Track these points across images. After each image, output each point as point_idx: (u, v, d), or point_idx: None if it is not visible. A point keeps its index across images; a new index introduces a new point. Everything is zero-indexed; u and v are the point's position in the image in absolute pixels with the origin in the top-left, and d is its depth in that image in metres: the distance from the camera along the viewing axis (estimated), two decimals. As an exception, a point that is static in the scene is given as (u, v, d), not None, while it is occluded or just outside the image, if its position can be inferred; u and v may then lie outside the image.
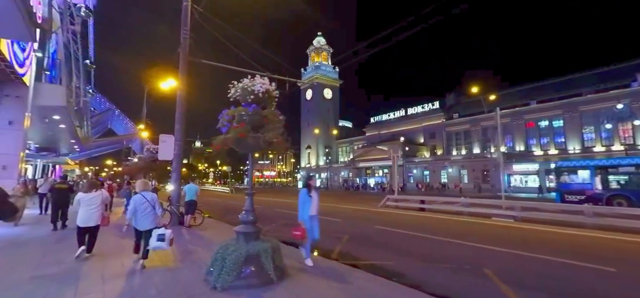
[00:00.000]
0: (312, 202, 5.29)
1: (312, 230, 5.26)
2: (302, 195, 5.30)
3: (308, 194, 5.28)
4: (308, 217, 5.23)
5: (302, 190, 5.40)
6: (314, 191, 5.39)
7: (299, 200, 5.29)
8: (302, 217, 5.23)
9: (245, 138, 4.48)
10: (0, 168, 12.22)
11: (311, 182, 5.46)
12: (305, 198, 5.27)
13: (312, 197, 5.30)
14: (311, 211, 5.26)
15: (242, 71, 12.49)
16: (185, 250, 6.47)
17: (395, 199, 16.22)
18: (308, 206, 5.24)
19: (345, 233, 8.86)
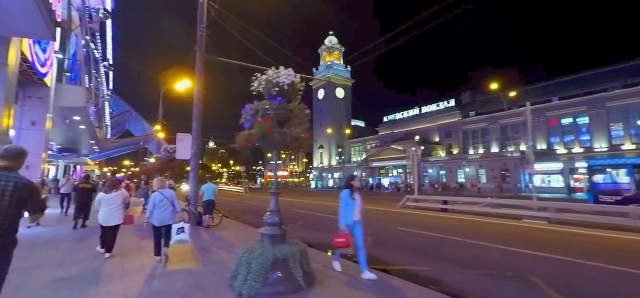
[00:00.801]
0: (355, 205, 4.67)
1: (356, 238, 4.64)
2: (344, 197, 4.68)
3: (351, 196, 4.67)
4: (352, 223, 4.63)
5: (344, 191, 4.76)
6: (356, 193, 4.76)
7: (340, 203, 4.68)
8: (344, 222, 4.61)
9: (271, 134, 4.16)
10: (24, 168, 12.40)
11: (354, 183, 4.81)
12: (347, 201, 4.65)
13: (355, 199, 4.68)
14: (355, 216, 4.64)
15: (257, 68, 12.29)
16: (206, 251, 6.24)
17: (415, 199, 15.66)
18: (351, 210, 4.63)
19: (367, 235, 8.40)
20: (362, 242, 4.67)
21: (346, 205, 4.65)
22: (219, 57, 11.08)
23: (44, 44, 11.16)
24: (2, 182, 2.23)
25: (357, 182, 4.91)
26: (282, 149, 4.59)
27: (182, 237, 5.22)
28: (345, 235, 4.51)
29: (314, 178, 79.33)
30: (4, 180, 2.25)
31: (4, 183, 2.24)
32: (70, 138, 24.23)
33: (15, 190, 2.26)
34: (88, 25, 10.34)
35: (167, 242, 5.36)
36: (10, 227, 2.27)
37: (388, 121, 61.99)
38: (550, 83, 44.89)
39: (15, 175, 2.34)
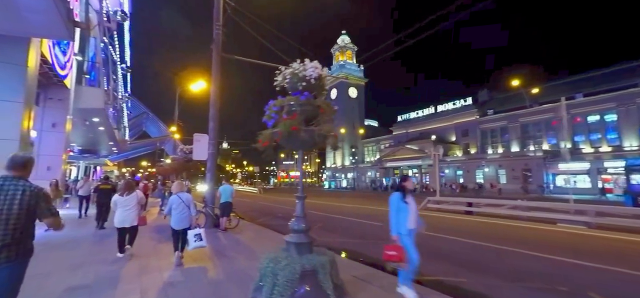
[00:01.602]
0: (409, 210, 3.96)
1: (409, 250, 3.89)
2: (395, 201, 3.98)
3: (403, 200, 3.98)
4: (406, 232, 3.92)
5: (394, 194, 4.06)
6: (410, 195, 4.08)
7: (390, 208, 3.99)
8: (396, 230, 3.91)
9: (298, 132, 3.79)
10: (45, 168, 12.56)
11: (407, 184, 4.12)
12: (399, 206, 3.95)
13: (408, 203, 3.99)
14: (409, 223, 3.94)
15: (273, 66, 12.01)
16: (225, 257, 5.94)
17: (437, 201, 15.00)
18: (405, 216, 3.92)
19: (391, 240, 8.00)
20: (416, 255, 3.92)
21: (398, 210, 3.96)
22: (235, 55, 10.84)
23: (63, 45, 11.21)
24: (10, 190, 2.22)
25: (410, 183, 4.20)
26: (309, 148, 4.23)
27: (200, 244, 5.27)
28: (397, 246, 3.84)
29: (327, 178, 78.96)
30: (13, 188, 2.24)
31: (13, 192, 2.23)
32: (90, 139, 24.73)
33: (24, 197, 2.24)
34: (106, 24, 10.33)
35: (182, 246, 5.38)
36: (24, 235, 2.25)
37: (402, 120, 60.93)
38: (574, 79, 42.83)
39: (24, 182, 2.32)
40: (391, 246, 3.88)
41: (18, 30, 7.23)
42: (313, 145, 4.06)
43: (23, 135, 8.14)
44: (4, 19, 6.64)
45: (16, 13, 6.47)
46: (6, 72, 7.87)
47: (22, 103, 8.05)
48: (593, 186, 32.98)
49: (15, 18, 6.66)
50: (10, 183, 2.25)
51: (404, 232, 3.92)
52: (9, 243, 2.15)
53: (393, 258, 3.82)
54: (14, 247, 2.17)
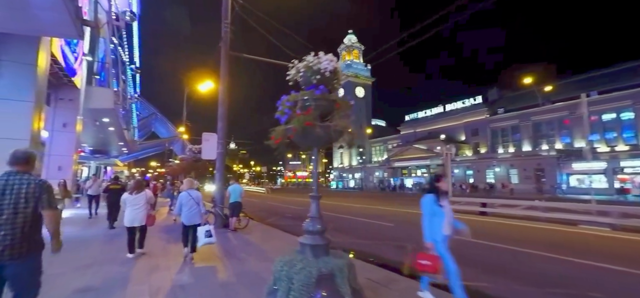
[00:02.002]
0: (444, 214, 3.54)
1: (445, 259, 3.47)
2: (428, 203, 3.56)
3: (437, 202, 3.56)
4: (442, 239, 3.50)
5: (427, 197, 3.61)
6: (444, 197, 3.65)
7: (423, 211, 3.58)
8: (431, 237, 3.50)
9: (313, 127, 3.59)
10: (56, 168, 12.65)
11: (441, 184, 3.65)
12: (433, 209, 3.53)
13: (443, 206, 3.59)
14: (444, 229, 3.52)
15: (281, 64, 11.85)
16: (235, 258, 5.78)
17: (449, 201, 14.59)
18: (439, 221, 3.49)
19: (406, 241, 7.73)
20: (454, 265, 3.47)
21: (432, 214, 3.51)
22: (244, 54, 10.71)
23: (73, 45, 11.27)
24: (16, 185, 2.23)
25: (445, 183, 3.73)
26: (324, 144, 4.02)
27: (210, 240, 5.35)
28: (431, 256, 3.40)
29: (334, 178, 78.68)
30: (18, 183, 2.25)
31: (18, 187, 2.23)
32: (100, 140, 25.04)
33: (29, 190, 2.25)
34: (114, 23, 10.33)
35: (193, 243, 5.43)
36: (33, 230, 2.27)
37: (410, 120, 60.29)
38: (588, 76, 41.66)
39: (28, 176, 2.33)
40: (425, 255, 3.46)
41: (28, 29, 7.20)
42: (328, 141, 3.85)
43: (34, 135, 8.14)
44: (14, 18, 6.61)
45: (26, 11, 6.43)
46: (17, 71, 7.88)
47: (33, 103, 8.05)
48: (609, 186, 32.01)
49: (25, 16, 6.62)
50: (14, 179, 2.26)
51: (439, 239, 3.49)
52: (20, 239, 2.17)
53: (427, 269, 3.41)
54: (25, 243, 2.19)
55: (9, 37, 7.76)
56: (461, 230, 3.75)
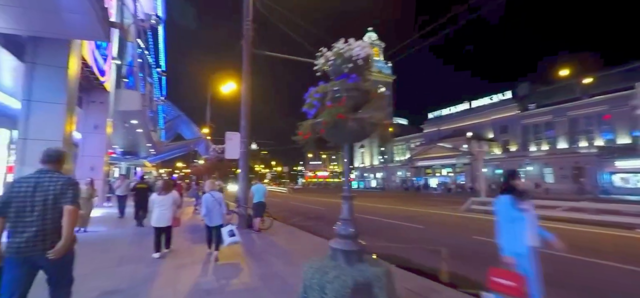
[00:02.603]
0: (527, 221, 2.77)
1: (531, 278, 2.71)
2: (505, 207, 2.82)
3: (516, 206, 2.78)
4: (525, 252, 2.74)
5: (503, 198, 2.88)
6: (525, 200, 2.86)
7: (499, 217, 2.89)
8: (512, 250, 2.75)
9: (345, 121, 3.24)
10: (89, 168, 13.11)
11: (519, 183, 2.95)
12: (512, 214, 2.77)
13: (525, 210, 2.79)
14: (529, 239, 2.75)
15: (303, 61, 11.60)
16: (261, 261, 5.54)
17: (482, 202, 13.77)
18: (521, 229, 2.73)
19: (438, 245, 7.20)
20: (540, 286, 2.74)
21: (511, 221, 2.76)
22: (265, 51, 10.54)
23: (102, 49, 11.62)
24: (45, 183, 2.31)
25: (522, 182, 3.03)
26: (357, 140, 3.66)
27: (234, 239, 5.43)
28: (513, 274, 2.65)
29: (355, 178, 77.91)
30: (48, 181, 2.32)
31: (47, 184, 2.31)
32: (130, 141, 26.06)
33: (57, 188, 2.32)
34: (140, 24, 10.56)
35: (216, 243, 5.49)
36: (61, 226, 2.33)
37: (433, 117, 58.38)
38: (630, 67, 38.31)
39: (59, 175, 2.41)
40: (504, 272, 2.72)
41: (58, 32, 7.38)
42: (362, 136, 3.48)
43: (66, 136, 8.37)
44: (46, 21, 6.77)
45: (57, 14, 6.56)
46: (50, 74, 8.12)
47: (65, 104, 8.28)
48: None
49: (56, 19, 6.76)
50: (45, 177, 2.34)
51: (522, 252, 2.71)
52: (51, 234, 2.25)
53: (508, 291, 2.62)
54: (56, 238, 2.26)
55: (42, 42, 8.01)
56: (551, 241, 2.95)
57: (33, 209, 2.22)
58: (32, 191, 2.25)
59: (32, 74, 7.97)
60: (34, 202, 2.23)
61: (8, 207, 2.22)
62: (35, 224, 2.21)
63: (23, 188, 2.26)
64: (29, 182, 2.29)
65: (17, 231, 2.20)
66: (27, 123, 7.81)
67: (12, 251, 2.20)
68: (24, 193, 2.24)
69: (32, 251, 2.20)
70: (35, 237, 2.20)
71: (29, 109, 7.86)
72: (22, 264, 2.21)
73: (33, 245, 2.19)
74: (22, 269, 2.21)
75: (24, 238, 2.18)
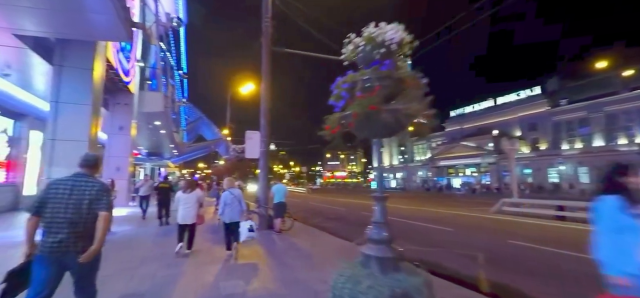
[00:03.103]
0: None
1: None
2: (612, 212, 2.09)
3: (627, 210, 2.05)
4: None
5: (608, 200, 2.14)
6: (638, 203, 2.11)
7: (600, 224, 2.15)
8: (622, 269, 1.98)
9: (378, 112, 2.89)
10: (115, 169, 13.45)
11: (632, 179, 2.19)
12: (621, 222, 2.04)
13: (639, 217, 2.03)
14: None
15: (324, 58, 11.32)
16: (283, 265, 5.28)
17: (514, 203, 12.90)
18: (635, 241, 1.99)
19: (472, 249, 6.67)
20: None
21: (620, 230, 2.04)
22: (285, 48, 10.33)
23: (126, 52, 11.87)
24: (81, 187, 2.38)
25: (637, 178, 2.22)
26: (391, 134, 3.31)
27: (251, 235, 5.64)
28: None
29: (374, 178, 76.85)
30: (83, 185, 2.39)
31: (83, 188, 2.37)
32: (154, 142, 26.82)
33: (92, 192, 2.39)
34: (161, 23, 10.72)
35: (236, 238, 5.62)
36: (94, 228, 2.39)
37: (456, 115, 56.45)
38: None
39: (93, 180, 2.49)
40: None
41: (82, 34, 7.50)
42: (397, 129, 3.12)
43: (91, 137, 8.51)
44: (71, 22, 6.87)
45: (81, 15, 6.63)
46: (76, 76, 8.30)
47: (90, 105, 8.42)
48: None
49: (80, 21, 6.85)
50: (81, 180, 2.41)
51: (636, 272, 1.97)
52: (82, 236, 2.31)
53: None
54: (87, 240, 2.33)
55: (68, 44, 8.19)
56: None
57: (67, 211, 2.28)
58: (68, 194, 2.32)
59: (60, 76, 8.17)
60: (69, 204, 2.30)
61: (44, 207, 2.29)
62: (69, 226, 2.27)
63: (60, 190, 2.33)
64: (66, 185, 2.36)
65: (51, 231, 2.25)
66: (55, 124, 8.00)
67: (45, 250, 2.25)
68: (61, 196, 2.31)
69: (65, 252, 2.26)
70: (67, 239, 2.25)
71: (56, 111, 8.05)
72: (52, 264, 2.25)
73: (65, 246, 2.25)
74: (52, 268, 2.26)
75: (57, 239, 2.24)
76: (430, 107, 3.05)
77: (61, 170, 7.81)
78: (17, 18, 6.64)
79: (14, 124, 12.55)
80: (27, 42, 7.68)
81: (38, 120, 12.29)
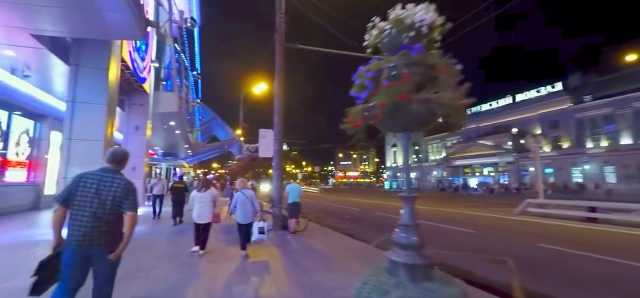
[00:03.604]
0: None
1: None
2: None
3: None
4: None
5: None
6: None
7: None
8: None
9: (409, 102, 2.59)
10: (131, 169, 13.56)
11: None
12: None
13: None
14: None
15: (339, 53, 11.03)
16: (300, 268, 5.03)
17: (539, 204, 12.22)
18: None
19: (501, 254, 6.23)
20: None
21: None
22: (299, 45, 10.09)
23: (142, 52, 11.94)
24: (108, 182, 2.38)
25: None
26: (422, 125, 2.99)
27: (261, 237, 5.54)
28: None
29: (387, 178, 75.85)
30: (110, 180, 2.40)
31: (109, 184, 2.38)
32: (169, 143, 27.17)
33: (118, 189, 2.39)
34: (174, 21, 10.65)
35: (248, 238, 5.63)
36: (118, 225, 2.42)
37: (471, 114, 54.76)
38: None
39: (120, 176, 2.49)
40: None
41: (97, 32, 7.47)
42: (430, 120, 2.80)
43: (107, 136, 8.51)
44: (86, 21, 6.85)
45: (96, 13, 6.58)
46: (91, 76, 8.31)
47: (105, 105, 8.42)
48: None
49: (97, 19, 6.80)
50: (108, 176, 2.42)
51: None
52: (106, 231, 2.32)
53: None
54: (110, 236, 2.35)
55: (84, 44, 8.22)
56: None
57: (92, 205, 2.30)
58: (95, 188, 2.34)
59: (76, 75, 8.20)
60: (95, 199, 2.32)
61: (72, 199, 2.32)
62: (92, 220, 2.29)
63: (88, 184, 2.35)
64: (93, 179, 2.37)
65: (75, 224, 2.28)
66: (72, 124, 8.03)
67: (72, 243, 2.28)
68: (88, 189, 2.33)
69: (89, 246, 2.28)
70: (91, 232, 2.28)
71: (73, 110, 8.08)
72: (78, 256, 2.28)
73: (89, 239, 2.27)
74: (78, 261, 2.29)
75: (81, 232, 2.27)
76: (466, 96, 2.71)
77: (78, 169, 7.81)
78: (33, 18, 6.66)
79: (34, 125, 12.87)
80: (44, 43, 7.73)
81: (58, 121, 12.52)
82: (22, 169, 12.27)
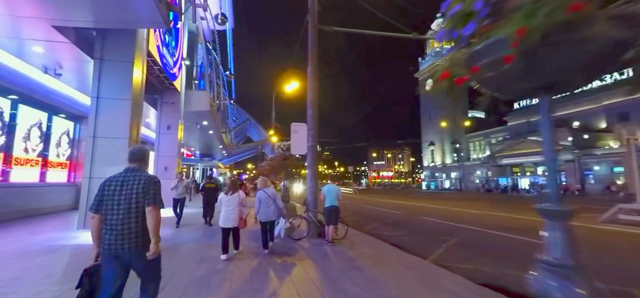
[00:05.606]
0: None
1: None
2: None
3: None
4: None
5: None
6: None
7: None
8: None
9: (590, 18, 1.29)
10: (163, 168, 13.34)
11: None
12: None
13: None
14: None
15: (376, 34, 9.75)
16: (341, 290, 3.86)
17: (634, 210, 9.88)
18: None
19: (603, 274, 4.55)
20: None
21: None
22: (334, 27, 8.94)
23: (171, 48, 11.55)
24: (130, 182, 2.34)
25: None
26: (596, 73, 1.70)
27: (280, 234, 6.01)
28: None
29: (424, 178, 72.17)
30: (132, 179, 2.36)
31: (132, 183, 2.34)
32: (205, 143, 27.51)
33: (140, 186, 2.34)
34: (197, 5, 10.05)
35: (271, 237, 5.80)
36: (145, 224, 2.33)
37: (521, 108, 49.95)
38: None
39: (142, 173, 2.43)
40: None
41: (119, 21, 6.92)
42: (622, 53, 1.48)
43: (132, 134, 8.02)
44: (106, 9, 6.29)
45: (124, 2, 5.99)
46: (116, 70, 7.89)
47: (130, 100, 7.93)
48: None
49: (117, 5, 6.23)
50: (130, 175, 2.38)
51: None
52: (135, 231, 2.27)
53: None
54: (141, 236, 2.29)
55: (108, 36, 7.81)
56: None
57: (120, 208, 2.27)
58: (119, 190, 2.30)
59: (100, 70, 7.79)
60: (120, 200, 2.28)
61: (102, 204, 2.29)
62: (120, 222, 2.25)
63: (113, 187, 2.31)
64: (117, 181, 2.34)
65: (106, 228, 2.26)
66: (96, 120, 7.63)
67: (105, 248, 2.24)
68: (113, 192, 2.29)
69: (121, 248, 2.23)
70: (121, 234, 2.23)
71: (97, 106, 7.67)
72: (114, 260, 2.25)
73: (121, 242, 2.23)
74: (115, 265, 2.26)
75: (113, 236, 2.23)
76: None
77: (102, 168, 7.39)
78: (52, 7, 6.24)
79: (74, 126, 13.10)
80: (68, 36, 7.37)
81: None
82: (62, 170, 12.49)
